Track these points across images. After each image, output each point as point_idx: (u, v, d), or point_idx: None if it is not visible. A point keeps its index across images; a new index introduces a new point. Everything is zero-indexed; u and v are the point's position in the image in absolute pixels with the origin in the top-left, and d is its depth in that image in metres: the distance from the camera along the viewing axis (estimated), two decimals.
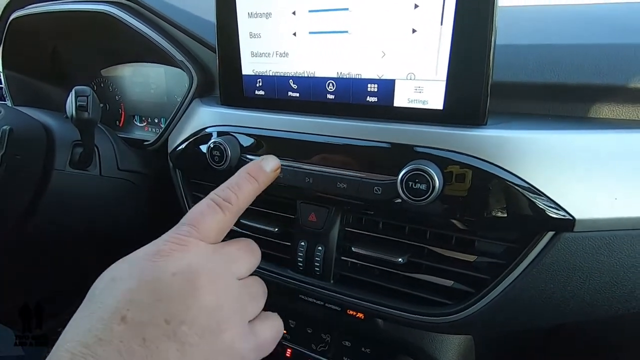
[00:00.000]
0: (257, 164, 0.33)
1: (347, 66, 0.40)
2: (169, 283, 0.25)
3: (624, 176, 0.33)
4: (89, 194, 0.59)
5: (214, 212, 0.29)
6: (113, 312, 0.23)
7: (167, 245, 0.26)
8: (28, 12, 0.66)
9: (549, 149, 0.34)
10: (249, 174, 0.32)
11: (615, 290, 0.35)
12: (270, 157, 0.35)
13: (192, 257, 0.26)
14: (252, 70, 0.45)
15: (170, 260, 0.26)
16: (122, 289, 0.24)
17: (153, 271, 0.25)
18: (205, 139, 0.48)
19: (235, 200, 0.30)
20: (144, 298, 0.24)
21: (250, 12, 0.43)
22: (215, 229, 0.29)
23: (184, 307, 0.24)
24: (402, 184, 0.35)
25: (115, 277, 0.25)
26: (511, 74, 0.40)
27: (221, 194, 0.30)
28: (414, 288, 0.42)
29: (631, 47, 0.37)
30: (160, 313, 0.24)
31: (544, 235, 0.35)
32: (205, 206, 0.29)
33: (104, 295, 0.25)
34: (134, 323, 0.23)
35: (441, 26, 0.35)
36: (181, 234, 0.27)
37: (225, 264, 0.28)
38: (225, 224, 0.29)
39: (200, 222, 0.28)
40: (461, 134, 0.35)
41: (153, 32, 0.57)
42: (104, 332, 0.22)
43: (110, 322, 0.23)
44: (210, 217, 0.29)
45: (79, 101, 0.47)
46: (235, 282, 0.28)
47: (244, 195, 0.31)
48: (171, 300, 0.24)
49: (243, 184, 0.31)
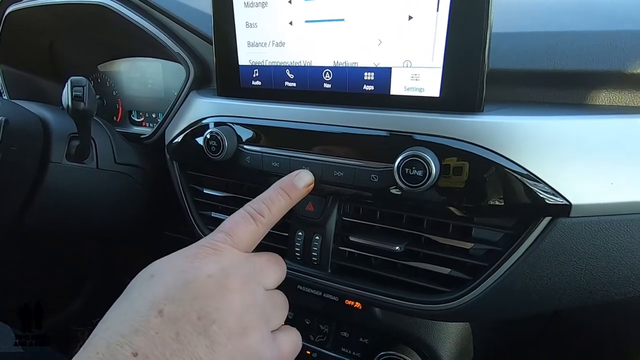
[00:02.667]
0: (291, 180, 0.35)
1: (343, 55, 0.40)
2: (204, 283, 0.26)
3: (620, 161, 0.33)
4: (85, 187, 0.59)
5: (247, 222, 0.31)
6: (151, 306, 0.25)
7: (204, 250, 0.29)
8: (24, 5, 0.66)
9: (545, 135, 0.34)
10: (282, 189, 0.34)
11: (611, 275, 0.35)
12: (304, 173, 0.36)
13: (226, 261, 0.28)
14: (248, 60, 0.45)
15: (206, 263, 0.28)
16: (160, 285, 0.26)
17: (190, 271, 0.27)
18: (202, 130, 0.48)
19: (268, 213, 0.32)
20: (180, 295, 0.25)
21: (247, 1, 0.43)
22: (247, 239, 0.31)
23: (216, 307, 0.26)
24: (398, 171, 0.35)
25: (155, 273, 0.27)
26: (508, 61, 0.40)
27: (255, 207, 0.32)
28: (412, 276, 0.42)
29: (627, 34, 0.37)
30: (194, 310, 0.25)
31: (541, 221, 0.35)
32: (239, 217, 0.31)
33: (142, 290, 0.26)
34: (170, 317, 0.24)
35: (437, 12, 0.35)
36: (217, 240, 0.30)
37: (255, 272, 0.29)
38: (257, 235, 0.32)
39: (234, 230, 0.30)
40: (457, 121, 0.35)
41: (149, 24, 0.57)
42: (141, 323, 0.24)
43: (148, 315, 0.24)
44: (243, 227, 0.31)
45: (75, 91, 0.46)
46: (262, 290, 0.29)
47: (276, 209, 0.33)
48: (205, 298, 0.26)
49: (276, 199, 0.33)
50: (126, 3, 0.58)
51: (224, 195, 0.52)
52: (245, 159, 0.45)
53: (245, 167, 0.45)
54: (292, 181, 0.35)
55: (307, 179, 0.36)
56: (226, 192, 0.51)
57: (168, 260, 0.29)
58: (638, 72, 0.36)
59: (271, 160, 0.43)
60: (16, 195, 0.54)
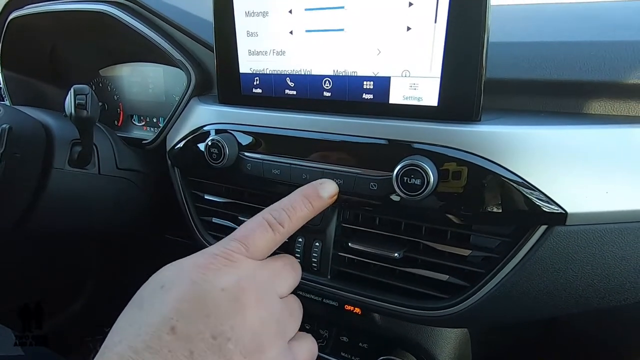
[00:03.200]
0: (315, 188, 0.33)
1: (343, 64, 0.41)
2: (218, 298, 0.25)
3: (615, 170, 0.34)
4: (87, 192, 0.60)
5: (265, 231, 0.29)
6: (162, 321, 0.24)
7: (217, 260, 0.27)
8: (27, 12, 0.66)
9: (541, 144, 0.35)
10: (305, 198, 0.32)
11: (606, 282, 0.36)
12: (328, 183, 0.34)
13: (240, 273, 0.27)
14: (249, 68, 0.46)
15: (219, 275, 0.26)
16: (172, 298, 0.25)
17: (203, 284, 0.25)
18: (203, 137, 0.49)
19: (288, 223, 0.30)
20: (193, 311, 0.24)
21: (248, 10, 0.43)
22: (263, 248, 0.29)
23: (231, 325, 0.24)
24: (397, 180, 0.36)
25: (165, 284, 0.26)
26: (505, 70, 0.40)
27: (275, 215, 0.30)
28: (410, 283, 0.42)
29: (621, 45, 0.38)
30: (208, 328, 0.24)
31: (537, 229, 0.35)
32: (257, 224, 0.29)
33: (153, 301, 0.25)
34: (183, 335, 0.23)
35: (435, 24, 0.35)
36: (231, 250, 0.28)
37: (271, 281, 0.28)
38: (274, 244, 0.30)
39: (250, 239, 0.28)
40: (455, 130, 0.36)
41: (151, 32, 0.57)
42: (153, 340, 0.23)
43: (160, 331, 0.23)
44: (260, 236, 0.29)
45: (78, 99, 0.47)
46: (278, 301, 0.28)
47: (297, 218, 0.31)
48: (219, 316, 0.24)
49: (298, 208, 0.31)
50: (128, 10, 0.59)
51: (224, 201, 0.52)
52: (246, 166, 0.46)
53: (246, 174, 0.46)
54: (317, 190, 0.33)
55: (331, 189, 0.34)
56: (227, 198, 0.52)
57: (179, 269, 0.27)
58: (632, 82, 0.37)
59: (272, 168, 0.44)
60: (19, 201, 0.54)
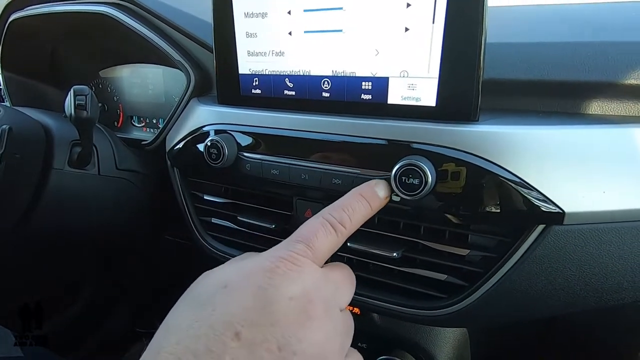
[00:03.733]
0: (371, 188, 0.33)
1: (341, 64, 0.41)
2: (286, 308, 0.24)
3: (612, 170, 0.34)
4: (87, 193, 0.60)
5: (328, 233, 0.28)
6: (227, 325, 0.22)
7: (283, 264, 0.26)
8: (27, 13, 0.66)
9: (539, 144, 0.35)
10: (362, 197, 0.31)
11: (604, 282, 0.36)
12: (382, 183, 0.34)
13: (308, 281, 0.26)
14: (248, 69, 0.46)
15: (286, 282, 0.25)
16: (237, 301, 0.24)
17: (269, 290, 0.24)
18: (202, 137, 0.49)
19: (349, 223, 0.29)
20: (260, 318, 0.23)
21: (247, 11, 0.44)
22: (326, 251, 0.28)
23: (298, 338, 0.23)
24: (395, 179, 0.36)
25: (228, 284, 0.25)
26: (503, 71, 0.41)
27: (336, 215, 0.29)
28: (409, 282, 0.42)
29: (618, 45, 0.38)
30: (275, 338, 0.23)
31: (535, 228, 0.35)
32: (319, 224, 0.28)
33: (216, 302, 0.24)
34: (248, 343, 0.22)
35: (433, 24, 0.36)
36: (297, 253, 0.26)
37: (335, 293, 0.27)
38: (336, 246, 0.29)
39: (314, 241, 0.27)
40: (453, 130, 0.36)
41: (151, 33, 0.58)
42: (216, 345, 0.22)
43: (223, 335, 0.22)
44: (324, 238, 0.28)
45: (78, 100, 0.47)
46: (339, 314, 0.27)
47: (357, 218, 0.30)
48: (286, 327, 0.23)
49: (357, 207, 0.30)
50: (128, 12, 0.59)
51: (224, 201, 0.52)
52: (245, 166, 0.46)
53: (245, 174, 0.46)
54: (374, 189, 0.32)
55: (387, 189, 0.34)
56: (226, 198, 0.52)
57: (242, 270, 0.26)
58: (629, 83, 0.37)
59: (270, 168, 0.44)
60: (19, 201, 0.54)
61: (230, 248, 0.53)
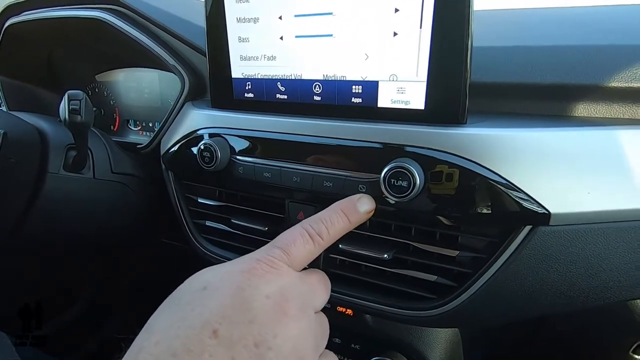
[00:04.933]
0: (353, 203, 0.34)
1: (332, 69, 0.41)
2: (262, 305, 0.25)
3: (596, 172, 0.35)
4: (83, 196, 0.60)
5: (305, 242, 0.30)
6: (204, 324, 0.23)
7: (260, 265, 0.27)
8: (23, 18, 0.67)
9: (525, 146, 0.35)
10: (342, 211, 0.33)
11: (590, 282, 0.36)
12: (366, 198, 0.35)
13: (284, 281, 0.27)
14: (241, 73, 0.47)
15: (264, 281, 0.26)
16: (216, 301, 0.24)
17: (247, 289, 0.25)
18: (196, 141, 0.49)
19: (327, 235, 0.31)
20: (237, 316, 0.24)
21: (239, 17, 0.44)
22: (302, 259, 0.29)
23: (274, 334, 0.24)
24: (384, 182, 0.36)
25: (208, 286, 0.25)
26: (490, 74, 0.41)
27: (315, 227, 0.31)
28: (400, 283, 0.43)
29: (603, 49, 0.39)
30: (251, 335, 0.23)
31: (522, 229, 0.36)
32: (298, 234, 0.30)
33: (195, 303, 0.24)
34: (225, 340, 0.23)
35: (420, 29, 0.36)
36: (274, 257, 0.28)
37: (310, 294, 0.28)
38: (312, 256, 0.30)
39: (291, 248, 0.29)
40: (441, 133, 0.37)
41: (145, 38, 0.58)
42: (194, 343, 0.22)
43: (201, 334, 0.22)
44: (301, 247, 0.29)
45: (72, 105, 0.48)
46: (314, 315, 0.28)
47: (335, 231, 0.32)
48: (262, 323, 0.24)
49: (336, 221, 0.32)
50: (123, 17, 0.60)
51: (218, 204, 0.53)
52: (238, 169, 0.46)
53: (238, 177, 0.46)
54: (355, 204, 0.34)
55: (369, 205, 0.35)
56: (220, 201, 0.53)
57: (222, 272, 0.27)
58: (614, 86, 0.38)
59: (263, 171, 0.45)
60: (14, 205, 0.55)
61: (224, 250, 0.54)
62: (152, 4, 0.60)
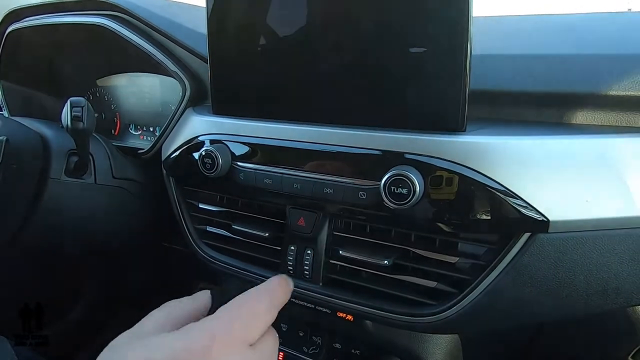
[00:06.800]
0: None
1: None
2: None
3: (595, 179, 0.35)
4: (84, 201, 0.60)
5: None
6: None
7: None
8: (25, 24, 0.67)
9: (524, 153, 0.36)
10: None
11: (588, 288, 0.37)
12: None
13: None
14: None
15: None
16: None
17: None
18: (197, 147, 0.50)
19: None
20: None
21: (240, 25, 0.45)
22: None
23: None
24: (384, 189, 0.37)
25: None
26: (489, 82, 0.42)
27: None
28: (400, 289, 0.43)
29: (602, 58, 0.39)
30: None
31: (521, 236, 0.36)
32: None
33: None
34: None
35: None
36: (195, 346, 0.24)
37: (240, 333, 0.26)
38: None
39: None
40: (441, 140, 0.37)
41: (147, 44, 0.59)
42: None
43: None
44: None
45: (74, 112, 0.48)
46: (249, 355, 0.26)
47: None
48: None
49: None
50: (125, 23, 0.60)
51: (218, 210, 0.53)
52: (238, 175, 0.47)
53: (239, 183, 0.47)
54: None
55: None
56: (221, 207, 0.53)
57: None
58: (612, 94, 0.38)
59: (264, 177, 0.45)
60: (16, 211, 0.55)
61: (224, 256, 0.54)
62: (153, 11, 0.60)
